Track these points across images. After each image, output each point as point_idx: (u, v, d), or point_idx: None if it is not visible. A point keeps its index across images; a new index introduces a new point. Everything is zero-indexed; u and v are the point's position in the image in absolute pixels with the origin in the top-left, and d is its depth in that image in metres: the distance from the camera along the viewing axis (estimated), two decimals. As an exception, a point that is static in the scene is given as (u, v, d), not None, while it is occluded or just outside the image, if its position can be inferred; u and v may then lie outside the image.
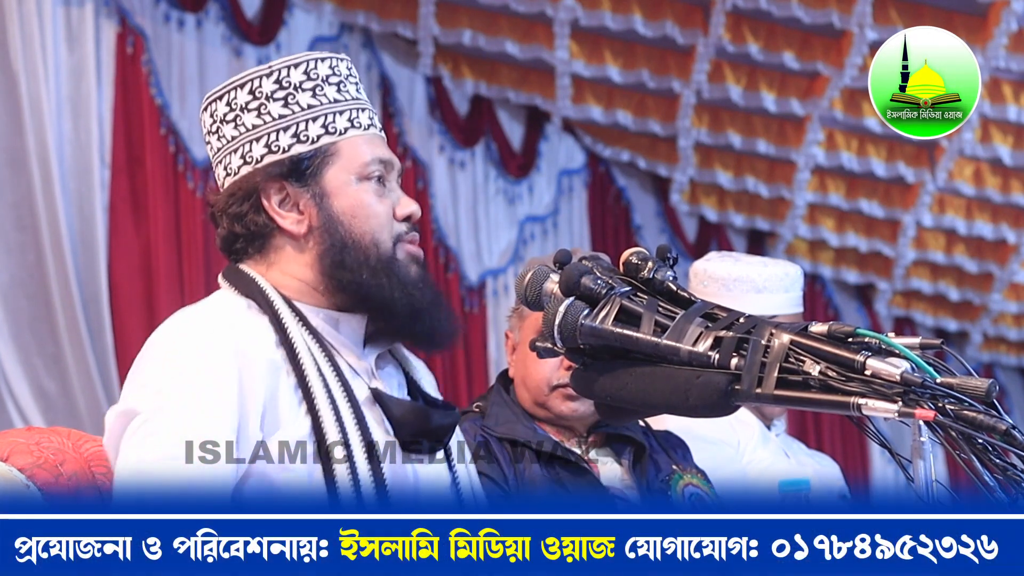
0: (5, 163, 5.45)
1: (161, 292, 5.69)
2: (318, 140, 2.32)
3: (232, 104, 2.35)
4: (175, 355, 2.22)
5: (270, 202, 2.32)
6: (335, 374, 2.24)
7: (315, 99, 2.33)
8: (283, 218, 2.32)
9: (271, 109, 2.32)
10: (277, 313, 2.26)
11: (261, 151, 2.32)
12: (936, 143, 7.16)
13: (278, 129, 2.31)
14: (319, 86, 2.33)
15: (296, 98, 2.32)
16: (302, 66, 2.34)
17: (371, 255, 2.31)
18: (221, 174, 2.37)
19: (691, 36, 6.63)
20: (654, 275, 2.15)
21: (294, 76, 2.33)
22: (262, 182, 2.31)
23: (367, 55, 6.84)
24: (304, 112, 2.32)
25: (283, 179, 2.31)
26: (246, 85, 2.34)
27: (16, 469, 2.26)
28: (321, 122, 2.32)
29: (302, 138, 2.31)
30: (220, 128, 2.35)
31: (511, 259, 7.31)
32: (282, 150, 2.31)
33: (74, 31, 5.66)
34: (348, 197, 2.32)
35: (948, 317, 8.79)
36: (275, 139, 2.31)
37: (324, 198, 2.31)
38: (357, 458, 2.19)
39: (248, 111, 2.33)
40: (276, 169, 2.31)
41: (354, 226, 2.31)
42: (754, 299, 3.64)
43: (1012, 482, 1.88)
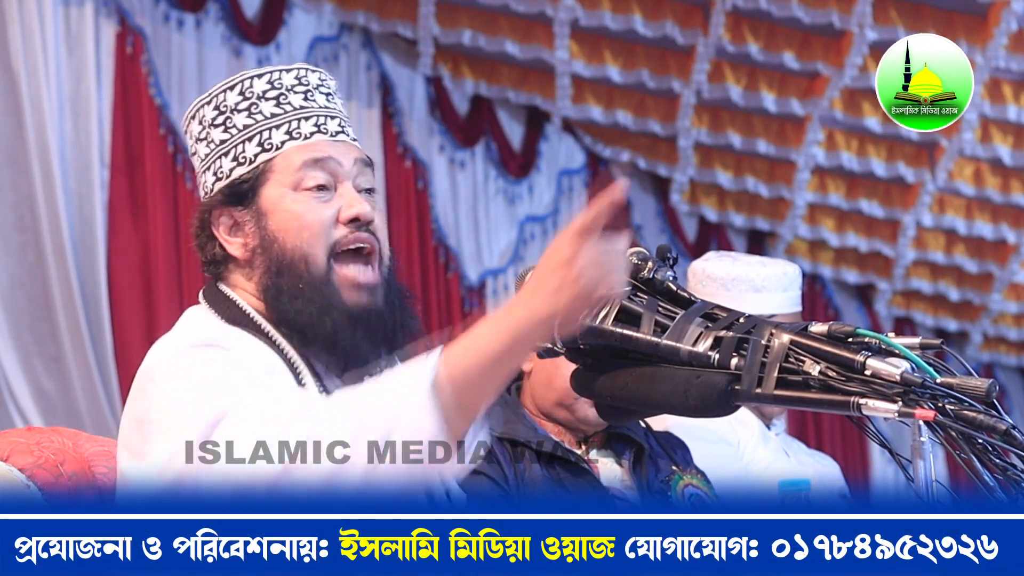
0: (5, 163, 5.45)
1: (161, 292, 5.69)
2: (255, 159, 2.25)
3: (192, 134, 2.32)
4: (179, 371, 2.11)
5: (219, 230, 2.26)
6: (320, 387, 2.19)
7: (250, 118, 2.26)
8: (230, 244, 2.25)
9: (212, 135, 2.28)
10: (264, 330, 2.20)
11: (211, 179, 2.28)
12: (936, 143, 7.16)
13: (220, 154, 2.27)
14: (254, 104, 2.27)
15: (232, 120, 2.27)
16: (237, 87, 2.29)
17: (303, 273, 2.20)
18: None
19: (691, 36, 6.63)
20: (654, 275, 2.15)
21: (230, 99, 2.28)
22: (211, 210, 2.26)
23: (367, 55, 6.84)
24: (240, 133, 2.26)
25: (228, 205, 2.25)
26: (196, 114, 2.30)
27: (16, 469, 2.26)
28: (257, 140, 2.25)
29: (240, 159, 2.25)
30: (193, 160, 2.33)
31: (511, 259, 7.31)
32: (226, 175, 2.26)
33: (74, 31, 5.66)
34: (282, 211, 2.22)
35: (948, 317, 8.79)
36: (220, 165, 2.27)
37: (261, 217, 2.23)
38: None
39: (198, 140, 2.30)
40: (220, 196, 2.26)
41: (287, 241, 2.21)
42: (752, 298, 3.64)
43: (1012, 482, 1.89)
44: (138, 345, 5.62)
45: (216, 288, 2.28)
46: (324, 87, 2.35)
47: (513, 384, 3.24)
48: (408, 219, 6.83)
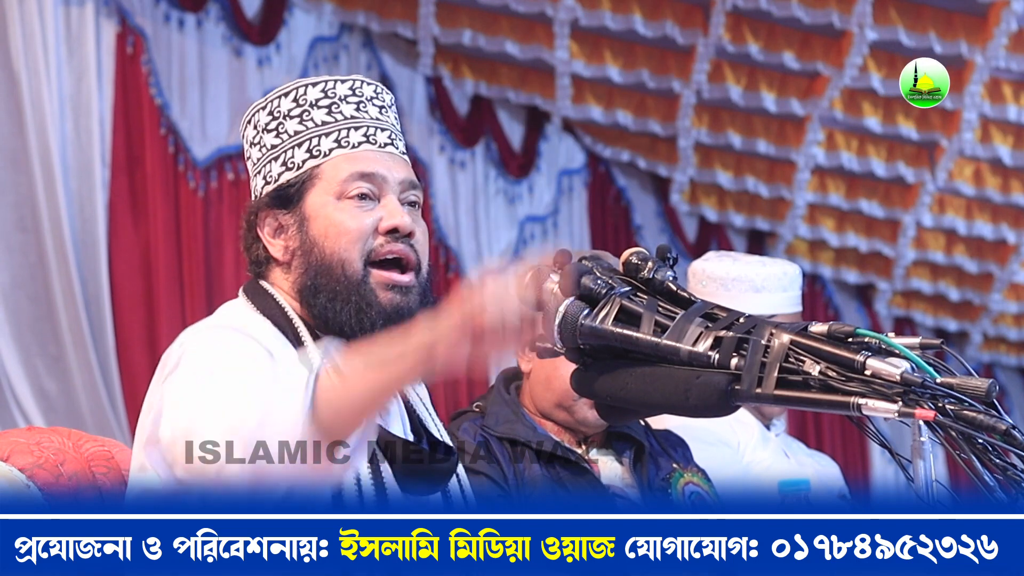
0: (6, 163, 5.45)
1: (161, 292, 5.70)
2: (303, 165, 2.31)
3: (248, 139, 2.38)
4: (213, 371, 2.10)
5: (264, 232, 2.32)
6: None
7: (302, 125, 2.32)
8: (272, 246, 2.32)
9: (266, 141, 2.34)
10: (300, 337, 2.24)
11: (261, 183, 2.34)
12: (936, 143, 7.17)
13: (271, 159, 2.33)
14: (306, 111, 2.32)
15: (285, 127, 2.33)
16: (291, 94, 2.34)
17: (339, 276, 2.26)
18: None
19: (691, 36, 6.63)
20: (654, 275, 2.15)
21: (284, 105, 2.34)
22: (258, 213, 2.33)
23: (367, 55, 6.85)
24: (291, 139, 2.32)
25: (274, 208, 2.31)
26: (252, 119, 2.37)
27: (16, 469, 2.27)
28: (306, 147, 2.31)
29: (289, 165, 2.32)
30: (247, 164, 2.40)
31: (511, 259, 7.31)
32: (273, 180, 2.32)
33: (74, 31, 5.66)
34: (324, 218, 2.28)
35: (948, 317, 8.79)
36: (269, 169, 2.33)
37: (304, 222, 2.29)
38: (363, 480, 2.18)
39: (252, 145, 2.37)
40: (268, 199, 2.32)
41: (326, 247, 2.27)
42: (752, 298, 3.64)
43: (1012, 482, 1.89)
44: (139, 344, 5.63)
45: (256, 283, 2.34)
46: (378, 100, 2.39)
47: (513, 384, 3.24)
48: (408, 219, 6.83)
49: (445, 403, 6.77)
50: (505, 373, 3.27)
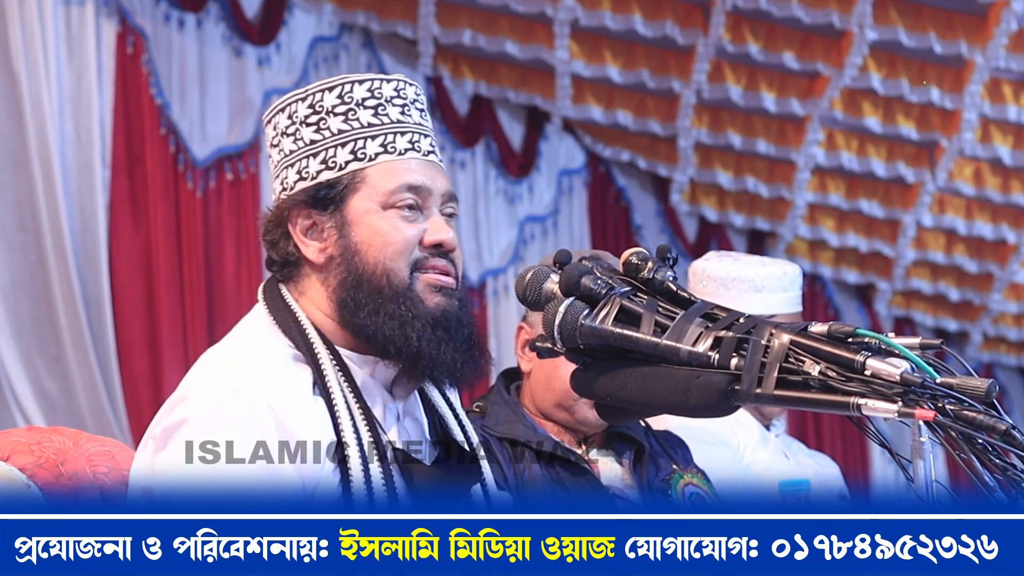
0: (7, 163, 5.45)
1: (162, 291, 5.70)
2: (345, 166, 2.26)
3: (277, 127, 2.31)
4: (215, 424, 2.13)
5: (295, 229, 2.27)
6: (368, 429, 2.19)
7: (346, 124, 2.26)
8: (306, 246, 2.27)
9: (303, 134, 2.27)
10: (319, 364, 2.21)
11: (294, 177, 2.28)
12: (936, 143, 7.17)
13: (308, 155, 2.27)
14: (352, 110, 2.27)
15: (327, 123, 2.26)
16: (336, 89, 2.28)
17: (384, 287, 2.23)
18: (274, 194, 2.34)
19: (691, 36, 6.63)
20: (654, 275, 2.15)
21: (327, 100, 2.28)
22: (291, 209, 2.27)
23: (367, 55, 6.85)
24: (334, 137, 2.26)
25: (310, 206, 2.26)
26: (286, 109, 2.30)
27: (16, 469, 2.26)
28: (350, 148, 2.26)
29: (330, 164, 2.26)
30: (271, 152, 2.33)
31: (511, 259, 7.31)
32: (311, 176, 2.26)
33: (74, 31, 5.66)
34: (368, 226, 2.24)
35: (948, 317, 8.79)
36: (305, 165, 2.27)
37: (345, 226, 2.25)
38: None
39: (286, 136, 2.29)
40: (303, 196, 2.26)
41: (369, 255, 2.23)
42: (753, 298, 3.64)
43: (1012, 482, 1.88)
44: (140, 344, 5.63)
45: (277, 291, 2.29)
46: (419, 102, 2.35)
47: (513, 384, 3.24)
48: (408, 219, 6.83)
49: (445, 403, 6.77)
50: (505, 373, 3.27)
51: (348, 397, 2.20)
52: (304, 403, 2.18)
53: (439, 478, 2.25)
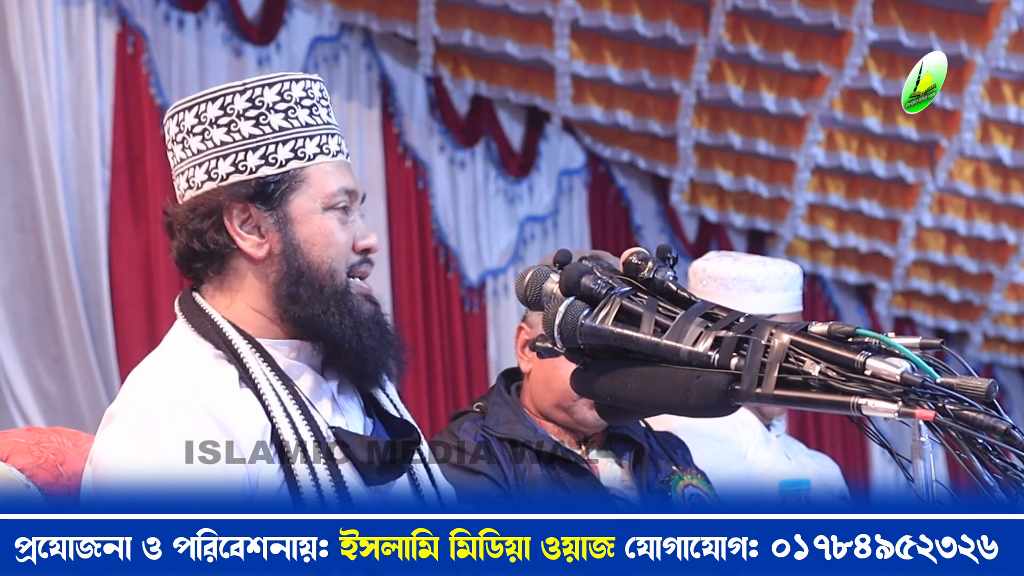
0: (6, 163, 5.45)
1: (162, 291, 5.70)
2: (286, 164, 2.28)
3: (201, 117, 2.30)
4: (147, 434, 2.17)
5: (232, 222, 2.28)
6: (303, 416, 2.22)
7: (287, 121, 2.29)
8: (244, 240, 2.28)
9: (241, 127, 2.28)
10: (243, 360, 2.24)
11: (227, 169, 2.28)
12: (936, 143, 7.17)
13: (247, 148, 2.28)
14: (292, 108, 2.29)
15: (268, 119, 2.28)
16: (276, 86, 2.30)
17: (326, 285, 2.28)
18: (182, 185, 2.34)
19: (691, 36, 6.63)
20: (654, 275, 2.15)
21: (267, 96, 2.29)
22: (226, 200, 2.28)
23: (367, 55, 6.85)
24: (275, 134, 2.28)
25: (247, 200, 2.27)
26: (217, 100, 2.29)
27: (16, 469, 2.26)
28: (291, 146, 2.28)
29: (270, 160, 2.28)
30: (186, 139, 2.31)
31: (511, 259, 7.31)
32: (249, 170, 2.27)
33: (74, 31, 5.66)
34: (312, 225, 2.28)
35: (948, 317, 8.79)
36: (243, 158, 2.27)
37: (287, 224, 2.28)
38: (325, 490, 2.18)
39: (217, 126, 2.28)
40: (242, 189, 2.27)
41: (312, 254, 2.28)
42: (753, 298, 3.64)
43: (1012, 482, 1.88)
44: (140, 344, 5.63)
45: (193, 301, 2.34)
46: (326, 100, 2.38)
47: (514, 384, 3.24)
48: (408, 219, 6.83)
49: (445, 403, 6.77)
50: (506, 373, 3.27)
51: (275, 384, 2.23)
52: (232, 397, 2.21)
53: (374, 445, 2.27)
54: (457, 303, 7.05)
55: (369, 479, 2.24)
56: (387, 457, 2.27)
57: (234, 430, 2.17)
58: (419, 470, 2.37)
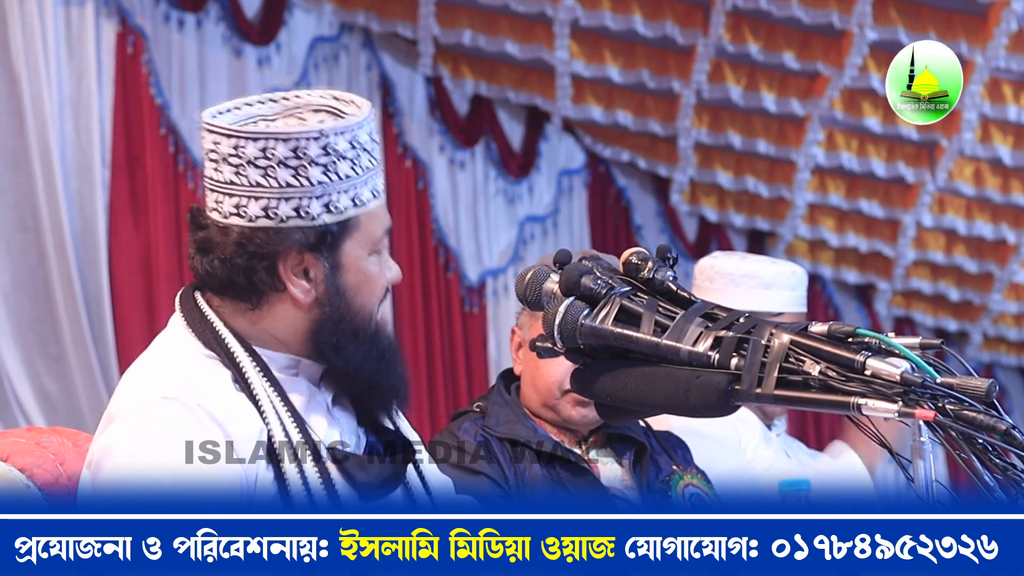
0: (7, 164, 5.45)
1: (162, 291, 5.70)
2: (345, 211, 2.25)
3: (268, 153, 2.22)
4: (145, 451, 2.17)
5: (286, 267, 2.24)
6: (295, 424, 2.21)
7: (352, 170, 2.25)
8: (294, 285, 2.25)
9: (310, 174, 2.22)
10: (238, 364, 2.23)
11: (289, 212, 2.22)
12: (936, 143, 7.16)
13: (312, 196, 2.22)
14: (358, 155, 2.26)
15: (336, 167, 2.23)
16: (347, 134, 2.24)
17: (362, 329, 2.27)
18: (227, 208, 2.25)
19: (691, 36, 6.62)
20: (654, 275, 2.15)
21: (340, 145, 2.23)
22: (283, 247, 2.23)
23: (367, 55, 6.84)
24: (340, 182, 2.24)
25: (305, 247, 2.24)
26: (289, 141, 2.22)
27: (16, 469, 2.26)
28: (351, 194, 2.25)
29: (332, 209, 2.23)
30: (243, 167, 2.23)
31: (511, 259, 7.31)
32: (311, 217, 2.23)
33: (75, 31, 5.66)
34: (359, 272, 2.27)
35: (948, 317, 8.79)
36: (307, 205, 2.22)
37: (337, 270, 2.26)
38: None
39: (285, 167, 2.21)
40: (299, 235, 2.23)
41: (357, 300, 2.27)
42: (761, 295, 3.65)
43: (1012, 482, 1.89)
44: (140, 344, 5.59)
45: (194, 301, 2.31)
46: (377, 134, 2.35)
47: (513, 384, 3.24)
48: (408, 219, 6.83)
49: (445, 403, 6.77)
50: (506, 373, 3.27)
51: (268, 391, 2.22)
52: (228, 399, 2.21)
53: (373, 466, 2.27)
54: (457, 303, 7.05)
55: (365, 496, 2.23)
56: (384, 474, 2.26)
57: (232, 430, 2.16)
58: (412, 477, 2.36)
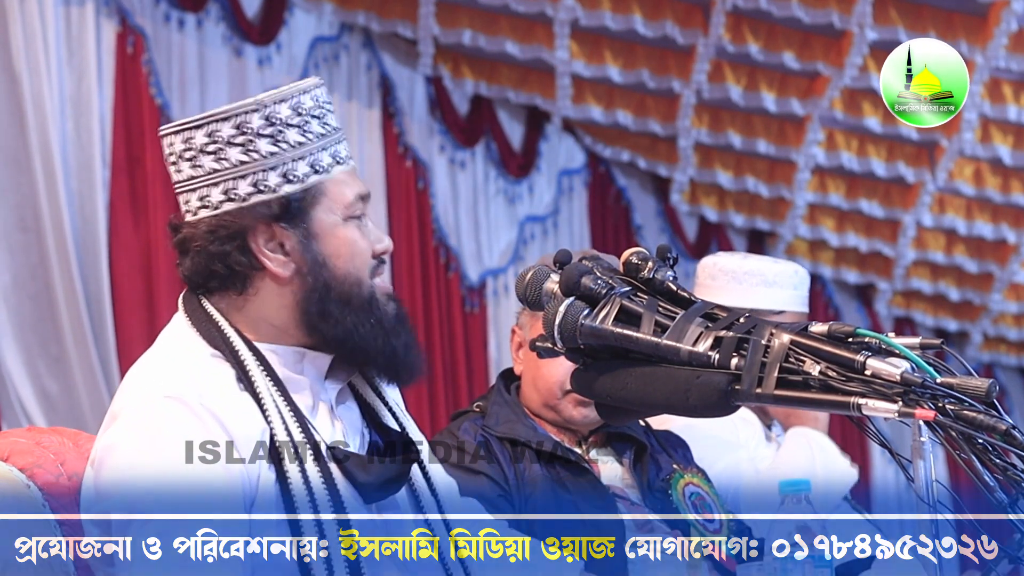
0: (7, 163, 5.45)
1: (162, 291, 5.70)
2: (306, 179, 2.26)
3: (215, 136, 2.26)
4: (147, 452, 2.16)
5: (258, 243, 2.26)
6: (298, 424, 2.21)
7: (303, 136, 2.26)
8: (269, 260, 2.25)
9: (259, 147, 2.24)
10: (242, 362, 2.23)
11: (248, 189, 2.25)
12: (936, 143, 7.16)
13: (267, 168, 2.25)
14: (306, 121, 2.27)
15: (285, 135, 2.25)
16: (289, 101, 2.27)
17: (353, 296, 2.27)
18: (194, 203, 2.30)
19: (691, 36, 6.62)
20: (654, 275, 2.15)
21: (282, 112, 2.26)
22: (250, 222, 2.25)
23: (367, 55, 6.84)
24: (293, 150, 2.25)
25: (271, 220, 2.25)
26: (230, 119, 2.25)
27: (16, 469, 2.26)
28: (309, 160, 2.26)
29: (291, 178, 2.25)
30: (197, 157, 2.27)
31: (511, 259, 7.31)
32: (271, 190, 2.24)
33: (75, 31, 5.66)
34: (335, 238, 2.27)
35: (948, 317, 8.79)
36: (263, 178, 2.24)
37: (311, 240, 2.26)
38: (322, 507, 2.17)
39: (233, 145, 2.25)
40: (264, 209, 2.24)
41: (338, 267, 2.27)
42: (763, 292, 3.65)
43: (1012, 482, 1.89)
44: (141, 344, 5.61)
45: (197, 302, 2.32)
46: (330, 103, 2.36)
47: (513, 384, 3.24)
48: (408, 219, 6.83)
49: (445, 403, 6.77)
50: (505, 373, 3.27)
51: (272, 390, 2.22)
52: (231, 397, 2.20)
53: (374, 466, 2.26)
54: (457, 303, 7.05)
55: (367, 497, 2.22)
56: (385, 475, 2.25)
57: (233, 429, 2.16)
58: (416, 476, 2.35)
